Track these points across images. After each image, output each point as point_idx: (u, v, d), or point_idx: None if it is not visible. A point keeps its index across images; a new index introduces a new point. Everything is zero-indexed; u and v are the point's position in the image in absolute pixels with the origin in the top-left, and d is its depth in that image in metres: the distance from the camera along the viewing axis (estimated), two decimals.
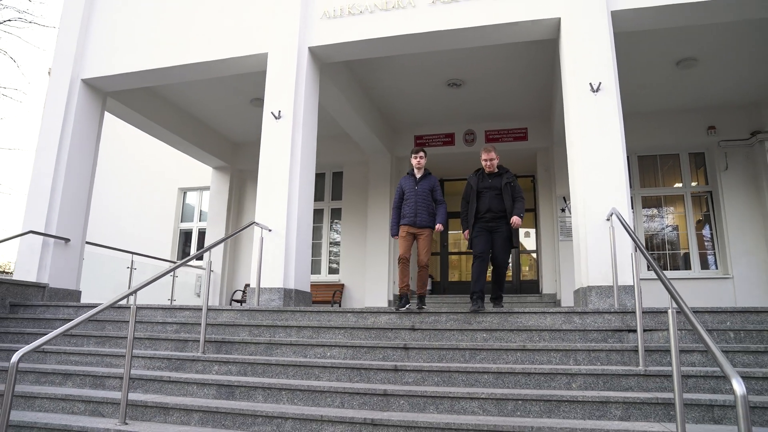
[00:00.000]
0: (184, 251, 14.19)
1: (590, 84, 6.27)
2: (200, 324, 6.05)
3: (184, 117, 11.32)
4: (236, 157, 13.17)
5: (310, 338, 5.59)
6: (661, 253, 10.86)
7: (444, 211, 6.28)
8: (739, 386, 2.35)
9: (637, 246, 4.59)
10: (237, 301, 12.19)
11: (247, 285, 12.49)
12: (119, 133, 13.41)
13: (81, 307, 7.13)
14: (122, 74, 8.55)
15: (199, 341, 5.62)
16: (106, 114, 9.39)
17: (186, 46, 8.16)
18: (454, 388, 4.32)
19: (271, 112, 7.30)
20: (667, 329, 4.35)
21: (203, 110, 11.26)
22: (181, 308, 6.65)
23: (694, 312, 4.62)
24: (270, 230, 6.87)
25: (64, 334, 4.74)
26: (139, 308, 7.00)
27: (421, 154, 6.39)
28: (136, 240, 12.59)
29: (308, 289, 7.28)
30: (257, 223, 6.81)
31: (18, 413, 4.67)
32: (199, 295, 12.68)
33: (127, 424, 4.25)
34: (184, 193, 14.55)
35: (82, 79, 8.66)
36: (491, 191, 6.08)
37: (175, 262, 12.63)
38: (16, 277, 7.91)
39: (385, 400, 4.25)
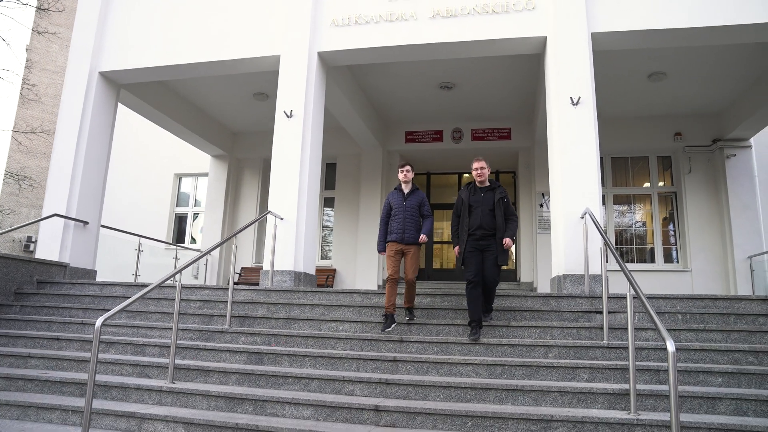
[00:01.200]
0: (178, 235, 14.78)
1: (571, 98, 7.14)
2: (220, 301, 6.85)
3: (188, 107, 11.90)
4: (235, 146, 13.79)
5: (323, 315, 6.40)
6: (629, 247, 11.89)
7: (430, 224, 6.12)
8: (670, 346, 3.24)
9: (605, 242, 5.49)
10: (235, 283, 12.88)
11: (243, 268, 13.22)
12: (117, 120, 13.88)
13: (105, 285, 7.82)
14: (138, 69, 9.14)
15: (223, 316, 6.40)
16: None
17: (201, 44, 8.78)
18: (451, 356, 5.18)
19: (284, 112, 8.02)
20: (626, 311, 5.26)
21: (206, 101, 11.85)
22: (202, 287, 7.40)
23: (649, 298, 5.58)
24: (282, 219, 7.62)
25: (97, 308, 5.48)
26: (161, 287, 7.74)
27: (408, 167, 6.15)
28: (132, 223, 13.00)
29: (314, 273, 8.07)
30: (271, 212, 7.56)
31: (75, 375, 5.41)
32: (196, 277, 13.31)
33: (174, 383, 5.02)
34: (180, 178, 15.12)
35: (99, 72, 9.22)
36: (483, 207, 5.75)
37: (175, 245, 13.31)
38: (40, 256, 8.51)
39: (394, 365, 5.10)
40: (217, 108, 12.21)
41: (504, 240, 5.68)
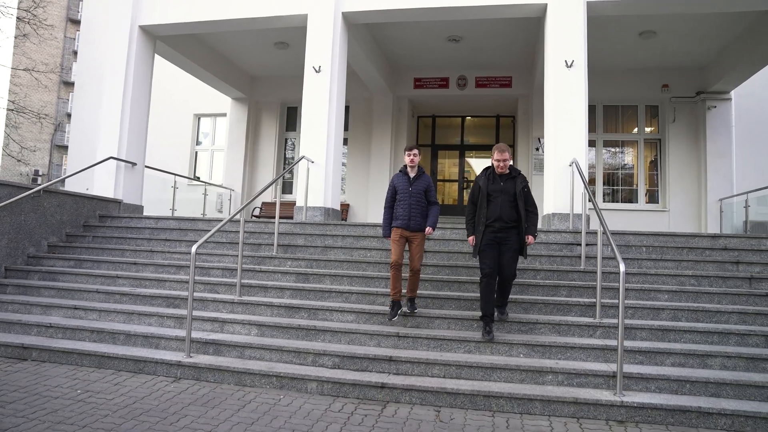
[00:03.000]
0: (195, 173, 15.89)
1: (565, 61, 8.19)
2: (263, 233, 8.16)
3: (212, 54, 12.77)
4: (254, 89, 14.73)
5: (353, 244, 7.73)
6: (617, 188, 13.17)
7: (436, 213, 5.82)
8: (622, 267, 4.57)
9: (586, 189, 6.76)
10: (256, 216, 14.19)
11: (264, 203, 14.48)
12: None
13: (160, 219, 9.11)
14: (175, 24, 10.05)
15: (268, 245, 7.73)
16: None
17: (234, 1, 9.64)
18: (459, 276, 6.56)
19: (312, 67, 9.05)
20: (596, 243, 6.57)
21: (230, 49, 12.72)
22: (246, 222, 8.66)
23: (620, 234, 6.94)
24: (313, 162, 8.81)
25: (158, 238, 6.78)
26: (210, 220, 9.05)
27: (415, 151, 5.83)
28: (156, 160, 14.01)
29: (339, 208, 9.35)
30: (305, 157, 8.74)
31: (158, 291, 6.78)
32: (220, 211, 14.58)
33: (242, 297, 6.39)
34: (199, 118, 16.13)
35: (140, 26, 10.12)
36: (503, 196, 5.38)
37: (205, 182, 14.43)
38: (98, 194, 9.72)
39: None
40: (239, 55, 13.08)
41: (528, 238, 5.37)
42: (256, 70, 14.19)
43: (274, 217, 8.91)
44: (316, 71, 9.03)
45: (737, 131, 12.27)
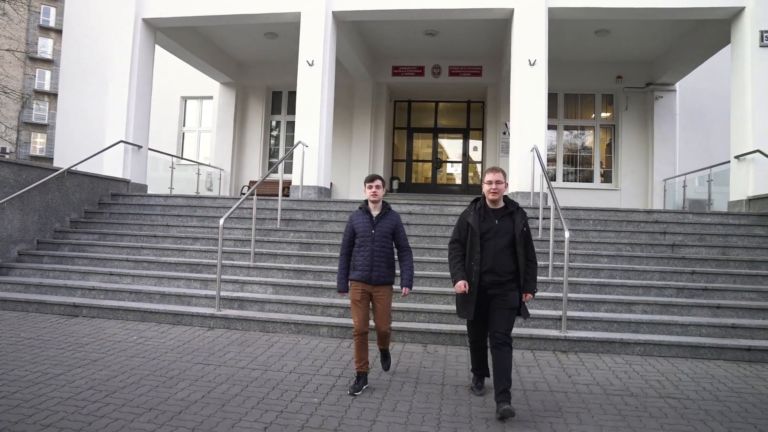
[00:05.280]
0: (183, 152, 16.75)
1: (529, 60, 9.46)
2: (265, 209, 9.26)
3: (204, 42, 13.62)
4: (241, 74, 15.65)
5: (345, 218, 8.91)
6: (576, 168, 14.61)
7: (411, 264, 4.68)
8: (567, 233, 5.90)
9: (543, 172, 8.07)
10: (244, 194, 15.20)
11: (252, 181, 15.51)
12: None
13: (168, 197, 10.14)
14: (175, 17, 10.95)
15: (271, 219, 8.87)
16: None
17: None
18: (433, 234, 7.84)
19: (306, 61, 10.11)
20: (549, 217, 7.89)
21: (221, 38, 13.60)
22: (249, 198, 9.76)
23: (572, 209, 8.26)
24: (307, 146, 9.93)
25: (170, 214, 7.88)
26: (216, 198, 10.12)
27: (378, 182, 4.60)
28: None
29: (329, 186, 10.50)
30: (301, 142, 9.85)
31: (181, 259, 7.89)
32: (210, 189, 15.54)
33: (256, 263, 7.55)
34: (185, 101, 16.96)
35: (143, 18, 10.98)
36: (497, 240, 4.13)
37: (197, 162, 15.32)
38: (108, 173, 10.64)
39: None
40: (229, 43, 13.98)
41: (526, 296, 4.20)
42: (244, 57, 15.09)
43: (264, 195, 10.08)
44: (310, 65, 10.10)
45: (680, 119, 13.82)
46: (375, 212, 4.62)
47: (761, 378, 5.10)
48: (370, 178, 4.62)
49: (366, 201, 4.68)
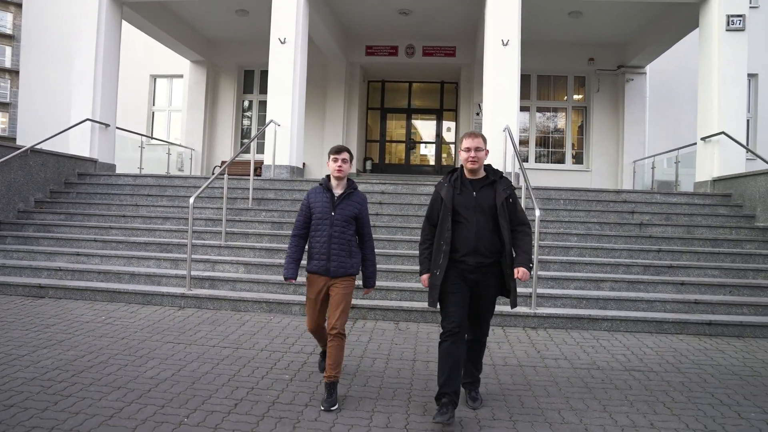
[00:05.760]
0: (153, 132, 16.41)
1: (502, 40, 9.45)
2: (236, 188, 9.15)
3: (173, 18, 13.26)
4: (212, 52, 15.32)
5: None
6: (548, 150, 14.74)
7: (374, 259, 4.02)
8: (537, 211, 5.97)
9: (515, 152, 8.13)
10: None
11: (223, 161, 15.29)
12: None
13: (138, 176, 9.93)
14: None
15: (243, 198, 8.77)
16: None
17: None
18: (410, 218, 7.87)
19: (278, 38, 9.93)
20: (525, 197, 7.97)
21: (190, 14, 13.26)
22: (219, 178, 9.63)
23: (543, 189, 8.34)
24: (279, 125, 9.81)
25: (140, 194, 7.74)
26: (188, 177, 9.96)
27: (345, 155, 3.90)
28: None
29: (302, 166, 10.41)
30: (273, 121, 9.71)
31: (150, 239, 7.76)
32: (181, 170, 15.28)
33: (228, 242, 7.48)
34: (155, 79, 16.58)
35: None
36: (477, 214, 3.50)
37: (168, 142, 15.04)
38: (75, 152, 10.36)
39: (373, 230, 7.70)
40: (199, 19, 13.65)
41: (518, 270, 3.49)
42: (215, 35, 14.77)
43: (236, 175, 9.97)
44: (282, 43, 9.94)
45: (650, 102, 14.02)
46: (338, 191, 3.88)
47: (720, 350, 5.28)
48: (337, 149, 3.89)
49: (328, 176, 3.95)
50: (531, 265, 3.57)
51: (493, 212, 3.51)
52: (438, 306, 3.64)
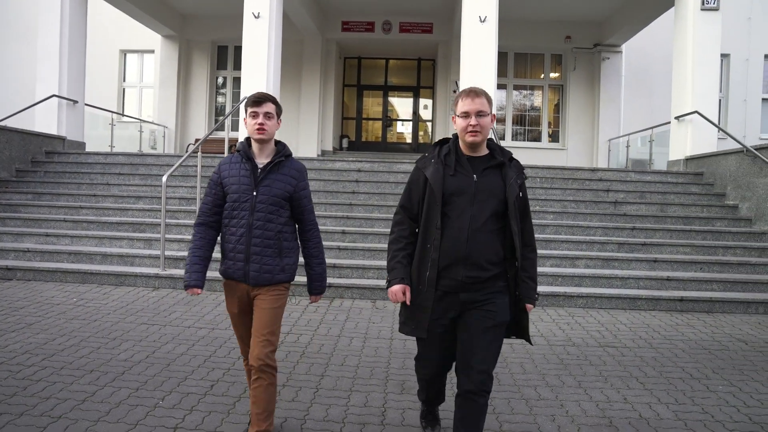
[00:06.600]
0: (124, 109, 15.99)
1: (479, 16, 9.36)
2: (209, 167, 8.97)
3: None
4: (184, 27, 14.92)
5: None
6: (526, 128, 14.77)
7: (322, 255, 2.99)
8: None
9: (492, 130, 8.10)
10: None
11: (197, 139, 15.00)
12: None
13: (108, 155, 9.68)
14: None
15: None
16: None
17: None
18: (386, 203, 7.83)
19: (252, 13, 9.68)
20: None
21: None
22: (191, 156, 9.46)
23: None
24: None
25: (111, 173, 7.56)
26: (160, 155, 9.73)
27: (269, 107, 2.71)
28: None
29: None
30: (247, 98, 9.50)
31: (123, 218, 7.60)
32: (154, 148, 14.94)
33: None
34: (125, 54, 16.11)
35: None
36: (477, 206, 2.44)
37: (140, 119, 14.69)
38: (41, 130, 10.04)
39: (350, 208, 7.68)
40: None
41: (529, 308, 2.56)
42: (187, 8, 14.38)
43: (210, 153, 9.79)
44: (256, 17, 9.69)
45: (626, 81, 14.12)
46: (262, 159, 2.74)
47: (690, 326, 5.40)
48: (256, 98, 2.69)
49: (248, 140, 2.78)
50: (536, 296, 2.60)
51: (500, 207, 2.45)
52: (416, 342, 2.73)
